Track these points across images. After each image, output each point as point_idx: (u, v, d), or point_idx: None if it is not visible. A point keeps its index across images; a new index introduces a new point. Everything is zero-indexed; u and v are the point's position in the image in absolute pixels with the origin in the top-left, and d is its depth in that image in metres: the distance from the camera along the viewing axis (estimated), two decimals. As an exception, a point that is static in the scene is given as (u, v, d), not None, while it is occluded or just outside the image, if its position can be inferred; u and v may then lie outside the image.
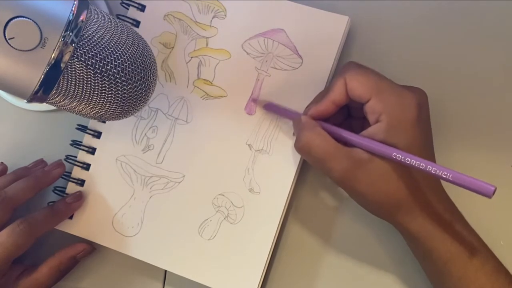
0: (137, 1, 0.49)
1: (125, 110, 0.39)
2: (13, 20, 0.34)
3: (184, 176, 0.47)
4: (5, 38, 0.34)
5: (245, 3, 0.47)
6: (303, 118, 0.42)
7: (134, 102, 0.39)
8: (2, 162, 0.50)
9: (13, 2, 0.34)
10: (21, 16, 0.34)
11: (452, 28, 0.47)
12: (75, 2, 0.35)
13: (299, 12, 0.46)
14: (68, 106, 0.38)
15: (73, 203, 0.47)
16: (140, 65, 0.38)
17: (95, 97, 0.37)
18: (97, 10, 0.38)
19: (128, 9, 0.49)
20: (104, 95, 0.37)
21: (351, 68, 0.41)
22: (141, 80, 0.38)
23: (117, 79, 0.37)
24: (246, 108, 0.47)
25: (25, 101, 0.36)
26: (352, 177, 0.40)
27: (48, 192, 0.50)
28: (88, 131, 0.49)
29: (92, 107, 0.38)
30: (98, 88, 0.37)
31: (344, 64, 0.42)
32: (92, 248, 0.48)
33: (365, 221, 0.46)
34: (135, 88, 0.38)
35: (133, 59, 0.37)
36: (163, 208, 0.47)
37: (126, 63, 0.37)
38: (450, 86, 0.47)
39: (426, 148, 0.41)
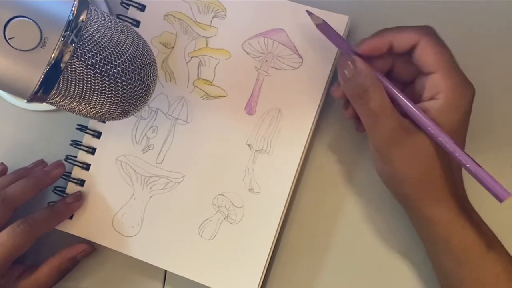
0: (137, 1, 0.49)
1: (125, 110, 0.39)
2: (13, 20, 0.34)
3: (184, 176, 0.47)
4: (5, 38, 0.34)
5: (245, 3, 0.47)
6: (359, 63, 0.40)
7: (134, 102, 0.39)
8: (2, 162, 0.50)
9: (13, 2, 0.34)
10: (21, 16, 0.34)
11: (452, 28, 0.47)
12: (75, 2, 0.35)
13: (299, 12, 0.46)
14: (68, 106, 0.38)
15: (73, 203, 0.47)
16: (140, 65, 0.38)
17: (95, 97, 0.37)
18: (97, 10, 0.38)
19: (128, 9, 0.49)
20: (104, 95, 0.37)
21: (431, 34, 0.40)
22: (141, 80, 0.38)
23: (117, 79, 0.37)
24: (246, 108, 0.47)
25: (25, 101, 0.36)
26: (395, 142, 0.39)
27: (48, 192, 0.50)
28: (88, 131, 0.49)
29: (92, 107, 0.38)
30: (98, 88, 0.37)
31: (424, 25, 0.40)
32: (92, 248, 0.48)
33: (365, 221, 0.46)
34: (135, 88, 0.38)
35: (133, 59, 0.37)
36: (163, 208, 0.47)
37: (126, 63, 0.37)
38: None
39: (462, 141, 0.41)
